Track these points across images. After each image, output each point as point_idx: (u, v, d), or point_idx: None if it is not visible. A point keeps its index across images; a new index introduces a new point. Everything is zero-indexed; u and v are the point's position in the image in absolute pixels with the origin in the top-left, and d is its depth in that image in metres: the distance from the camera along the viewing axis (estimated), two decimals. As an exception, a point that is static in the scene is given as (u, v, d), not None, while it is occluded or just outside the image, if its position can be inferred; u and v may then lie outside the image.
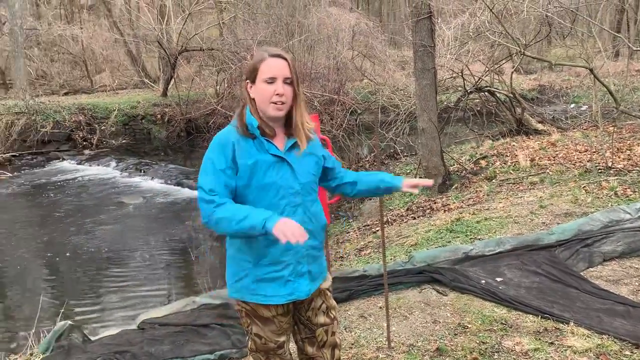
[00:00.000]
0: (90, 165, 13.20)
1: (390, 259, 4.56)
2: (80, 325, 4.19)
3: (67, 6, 26.21)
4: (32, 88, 18.36)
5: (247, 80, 2.03)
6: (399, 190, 2.33)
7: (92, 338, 3.79)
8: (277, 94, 1.97)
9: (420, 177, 8.11)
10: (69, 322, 3.85)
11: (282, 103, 1.98)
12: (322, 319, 2.21)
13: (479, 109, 11.69)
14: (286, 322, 2.15)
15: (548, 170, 7.27)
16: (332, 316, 2.24)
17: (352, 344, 3.28)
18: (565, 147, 8.45)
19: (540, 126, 10.79)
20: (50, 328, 4.09)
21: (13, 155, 13.77)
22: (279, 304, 2.09)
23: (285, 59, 1.99)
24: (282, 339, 2.16)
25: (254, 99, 2.02)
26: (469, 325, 3.38)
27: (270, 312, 2.10)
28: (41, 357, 3.54)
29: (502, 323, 3.38)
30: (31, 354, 3.67)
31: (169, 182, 11.42)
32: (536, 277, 3.99)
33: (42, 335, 3.99)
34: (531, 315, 3.44)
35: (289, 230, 1.81)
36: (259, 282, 2.05)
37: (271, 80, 1.97)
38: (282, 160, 2.02)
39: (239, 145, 1.97)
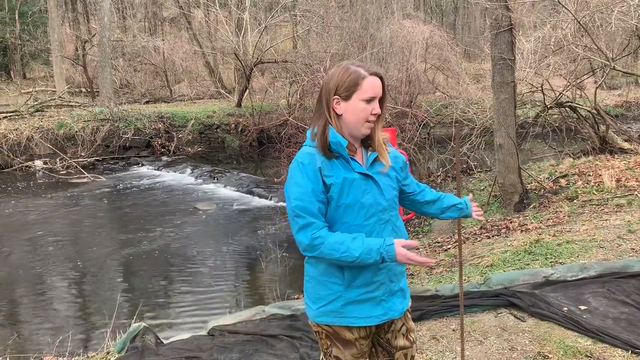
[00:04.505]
0: (167, 171, 13.74)
1: (465, 280, 4.39)
2: (153, 327, 4.30)
3: (150, 19, 27.60)
4: (116, 96, 19.40)
5: (337, 97, 1.93)
6: (469, 217, 2.34)
7: (164, 341, 3.88)
8: (373, 114, 1.93)
9: (496, 195, 7.82)
10: (144, 323, 3.97)
11: (375, 122, 1.96)
12: (401, 341, 2.12)
13: (557, 124, 11.17)
14: (366, 345, 2.08)
15: (636, 192, 6.80)
16: (412, 339, 2.15)
17: (424, 367, 3.17)
18: (656, 167, 7.89)
19: (626, 145, 10.15)
20: (125, 328, 4.24)
21: (97, 160, 14.57)
22: (362, 326, 2.02)
23: (382, 78, 1.95)
24: None
25: (339, 116, 1.95)
26: (550, 355, 3.17)
27: (353, 334, 2.02)
28: (117, 356, 3.65)
29: (586, 355, 3.15)
30: (107, 352, 3.80)
31: (241, 190, 11.67)
32: (625, 307, 3.70)
33: (118, 334, 4.13)
34: (620, 349, 3.19)
35: (413, 257, 1.87)
36: (350, 305, 1.97)
37: (371, 100, 1.92)
38: (368, 177, 1.96)
39: (325, 166, 1.91)
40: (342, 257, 1.84)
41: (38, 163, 14.00)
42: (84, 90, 22.01)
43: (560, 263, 4.54)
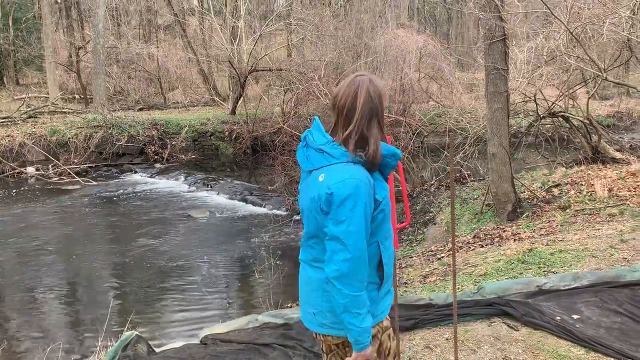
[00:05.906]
0: (160, 179, 13.69)
1: (458, 289, 4.39)
2: (145, 335, 4.27)
3: (145, 26, 27.61)
4: (110, 103, 19.35)
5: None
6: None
7: (157, 350, 3.85)
8: None
9: (489, 204, 7.84)
10: (136, 332, 3.94)
11: None
12: (385, 322, 2.15)
13: (550, 134, 11.24)
14: None
15: (628, 202, 6.84)
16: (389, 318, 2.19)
17: (417, 376, 3.16)
18: (647, 177, 7.93)
19: (618, 154, 10.22)
20: (117, 336, 4.20)
21: (90, 167, 14.51)
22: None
23: None
24: None
25: None
26: (543, 365, 3.18)
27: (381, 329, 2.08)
28: (108, 365, 3.62)
29: (579, 365, 3.16)
30: (99, 361, 3.77)
31: (234, 197, 11.65)
32: (617, 316, 3.72)
33: (109, 343, 4.09)
34: (612, 359, 3.20)
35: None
36: (381, 302, 2.03)
37: None
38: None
39: (375, 181, 1.93)
40: (354, 312, 1.84)
41: (30, 169, 13.93)
42: (77, 96, 21.94)
43: (553, 272, 4.55)
